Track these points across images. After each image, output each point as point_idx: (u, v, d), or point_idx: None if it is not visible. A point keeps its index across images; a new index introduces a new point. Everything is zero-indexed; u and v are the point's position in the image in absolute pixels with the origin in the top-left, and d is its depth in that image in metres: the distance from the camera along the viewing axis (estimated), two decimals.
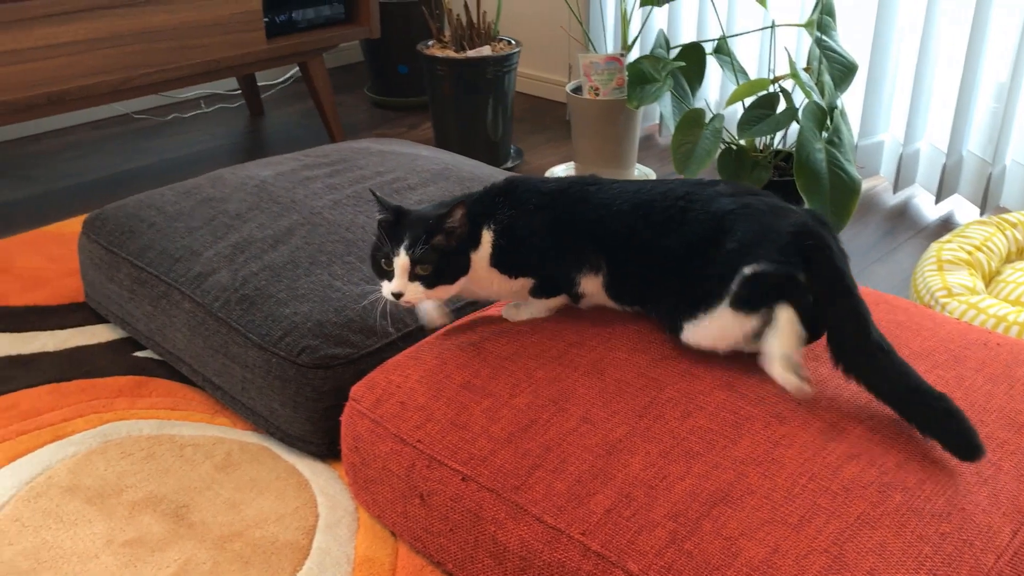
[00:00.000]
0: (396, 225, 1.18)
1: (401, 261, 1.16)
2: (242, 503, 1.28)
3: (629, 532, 0.98)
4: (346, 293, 1.41)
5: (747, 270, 1.09)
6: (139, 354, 1.64)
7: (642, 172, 2.40)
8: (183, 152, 2.67)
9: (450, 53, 2.41)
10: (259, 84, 3.03)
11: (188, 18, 2.27)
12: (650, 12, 2.43)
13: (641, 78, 2.00)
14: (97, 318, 1.75)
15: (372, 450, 1.20)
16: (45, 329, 1.72)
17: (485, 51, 2.39)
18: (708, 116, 1.90)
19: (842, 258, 1.12)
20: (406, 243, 1.16)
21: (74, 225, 2.13)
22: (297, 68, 3.31)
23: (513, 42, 2.49)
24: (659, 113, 2.69)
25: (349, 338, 1.35)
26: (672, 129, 1.94)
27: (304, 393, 1.33)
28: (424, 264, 1.16)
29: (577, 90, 2.30)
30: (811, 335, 1.12)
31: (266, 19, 2.45)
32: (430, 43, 2.50)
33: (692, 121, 1.87)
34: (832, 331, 1.09)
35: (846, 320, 1.08)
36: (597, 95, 2.23)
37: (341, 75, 3.36)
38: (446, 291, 1.20)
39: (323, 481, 1.33)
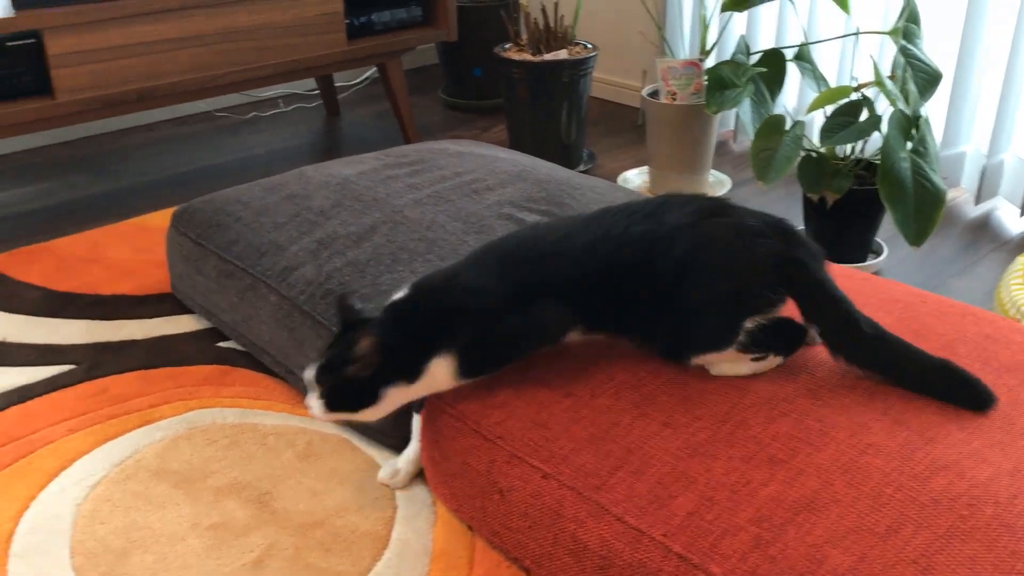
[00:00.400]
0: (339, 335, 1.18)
1: (307, 375, 1.16)
2: (323, 492, 1.31)
3: (712, 535, 0.98)
4: None
5: (749, 324, 1.13)
6: (223, 344, 1.69)
7: (716, 178, 2.39)
8: (262, 150, 2.73)
9: (526, 56, 2.43)
10: (336, 85, 3.09)
11: (272, 19, 2.32)
12: (729, 18, 2.42)
13: (721, 83, 1.99)
14: (182, 308, 1.81)
15: (452, 445, 1.22)
16: (133, 317, 1.78)
17: (561, 54, 2.40)
18: (788, 123, 1.89)
19: (818, 265, 1.16)
20: (321, 360, 1.15)
21: (159, 218, 2.19)
22: (373, 70, 3.36)
23: (589, 46, 2.50)
24: (734, 120, 2.67)
25: None
26: (751, 135, 1.93)
27: None
28: (323, 386, 1.15)
29: (654, 95, 2.30)
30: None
31: (347, 21, 2.50)
32: (507, 46, 2.52)
33: (773, 127, 1.86)
34: (827, 335, 1.16)
35: (837, 324, 1.14)
36: (674, 100, 2.23)
37: (415, 77, 3.40)
38: (351, 416, 1.17)
39: None
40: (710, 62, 2.25)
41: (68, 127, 2.71)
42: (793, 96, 2.50)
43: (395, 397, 1.16)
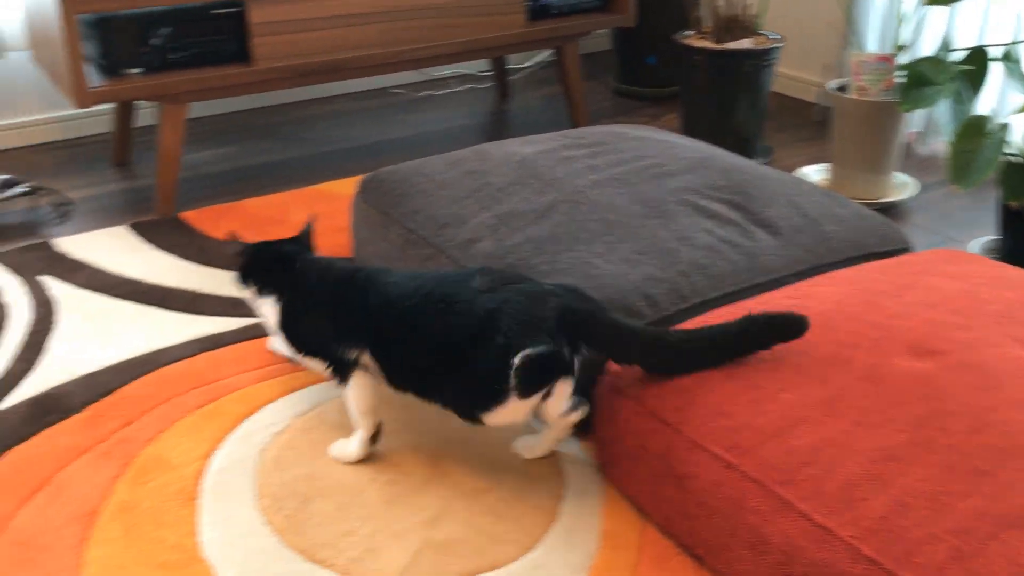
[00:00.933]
0: None
1: None
2: (493, 460, 1.33)
3: (906, 542, 0.94)
4: (605, 272, 1.43)
5: (516, 360, 1.16)
6: None
7: (901, 180, 2.28)
8: (434, 127, 2.79)
9: (708, 44, 2.39)
10: (508, 67, 3.12)
11: None
12: (926, 13, 2.30)
13: (919, 80, 1.90)
14: None
15: (628, 427, 1.22)
16: None
17: (746, 44, 2.35)
18: (990, 124, 1.78)
19: (602, 313, 1.23)
20: None
21: (340, 186, 2.27)
22: (544, 53, 3.38)
23: (775, 36, 2.43)
24: (920, 121, 2.55)
25: None
26: (946, 136, 1.83)
27: None
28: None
29: (841, 89, 2.21)
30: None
31: (527, 2, 2.52)
32: (688, 33, 2.48)
33: (974, 128, 1.76)
34: (640, 361, 1.24)
35: (644, 347, 1.23)
36: (864, 95, 2.14)
37: (586, 63, 3.40)
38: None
39: (570, 450, 1.36)
40: (904, 58, 2.15)
41: (256, 95, 2.84)
42: (991, 97, 2.36)
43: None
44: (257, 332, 1.65)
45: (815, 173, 2.35)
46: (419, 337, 1.24)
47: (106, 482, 1.29)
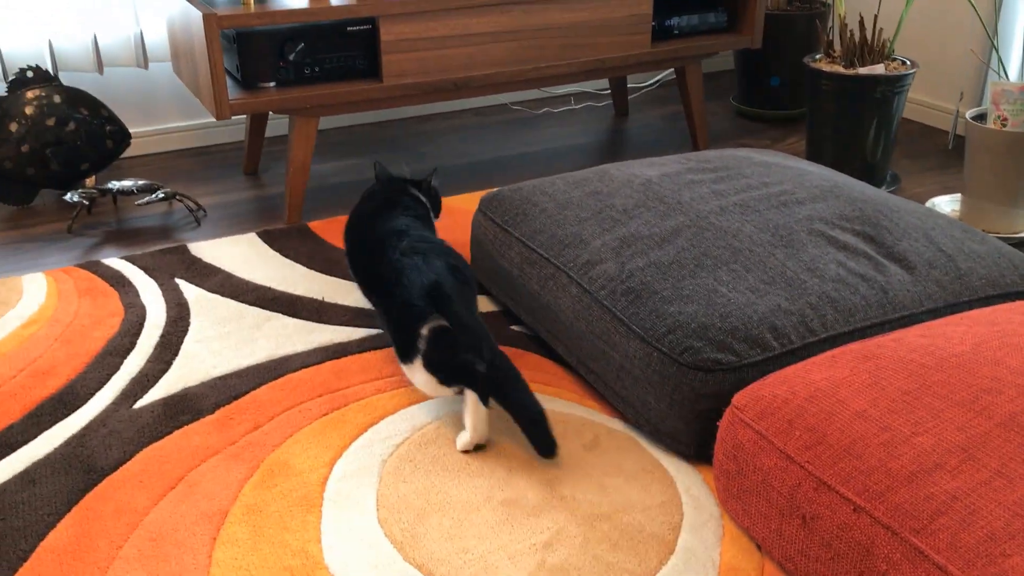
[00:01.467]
0: None
1: None
2: (609, 487, 1.33)
3: None
4: (731, 300, 1.41)
5: (424, 331, 1.36)
6: (516, 327, 1.75)
7: None
8: (553, 145, 2.80)
9: (838, 68, 2.33)
10: (628, 86, 3.11)
11: (583, 18, 2.37)
12: None
13: None
14: (480, 288, 1.89)
15: (752, 462, 1.19)
16: None
17: (878, 69, 2.28)
18: None
19: (465, 297, 1.42)
20: None
21: (460, 201, 2.31)
22: (664, 72, 3.36)
23: (908, 62, 2.35)
24: None
25: (732, 346, 1.35)
26: None
27: (682, 392, 1.35)
28: None
29: (979, 118, 2.13)
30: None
31: (653, 23, 2.51)
32: (818, 56, 2.43)
33: None
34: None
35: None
36: (1003, 126, 2.05)
37: (706, 81, 3.36)
38: None
39: (688, 481, 1.34)
40: None
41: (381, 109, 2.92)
42: None
43: None
44: (379, 343, 1.69)
45: (946, 204, 2.27)
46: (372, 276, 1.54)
47: (235, 484, 1.33)
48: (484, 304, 1.84)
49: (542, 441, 1.36)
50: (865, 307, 1.44)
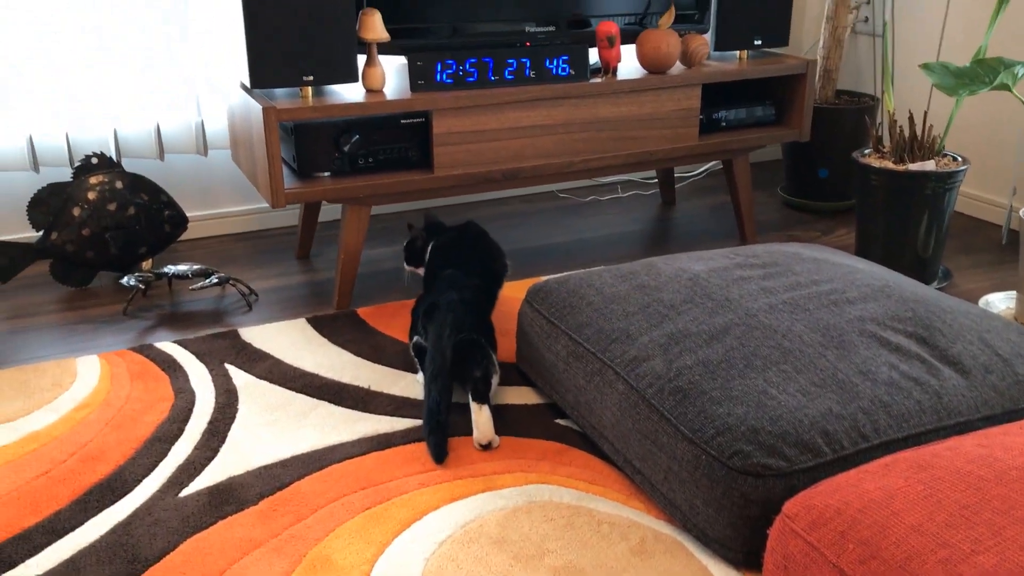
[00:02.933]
0: None
1: None
2: None
3: None
4: (781, 403, 1.39)
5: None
6: (561, 421, 1.74)
7: None
8: (599, 233, 2.82)
9: (888, 164, 2.33)
10: (675, 175, 3.14)
11: (632, 112, 2.41)
12: None
13: None
14: (524, 379, 1.89)
15: (804, 574, 1.16)
16: None
17: (928, 165, 2.27)
18: None
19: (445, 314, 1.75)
20: None
21: (504, 290, 2.32)
22: (711, 163, 3.38)
23: (959, 158, 2.35)
24: None
25: (783, 451, 1.32)
26: None
27: (731, 497, 1.32)
28: None
29: None
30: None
31: (701, 116, 2.54)
32: (866, 151, 2.43)
33: None
34: None
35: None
36: None
37: (753, 171, 3.38)
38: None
39: None
40: None
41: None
42: None
43: None
44: (423, 435, 1.69)
45: (1001, 301, 2.23)
46: None
47: None
48: (528, 396, 1.83)
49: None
50: (919, 412, 1.41)
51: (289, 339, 2.07)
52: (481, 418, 1.67)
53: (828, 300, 1.66)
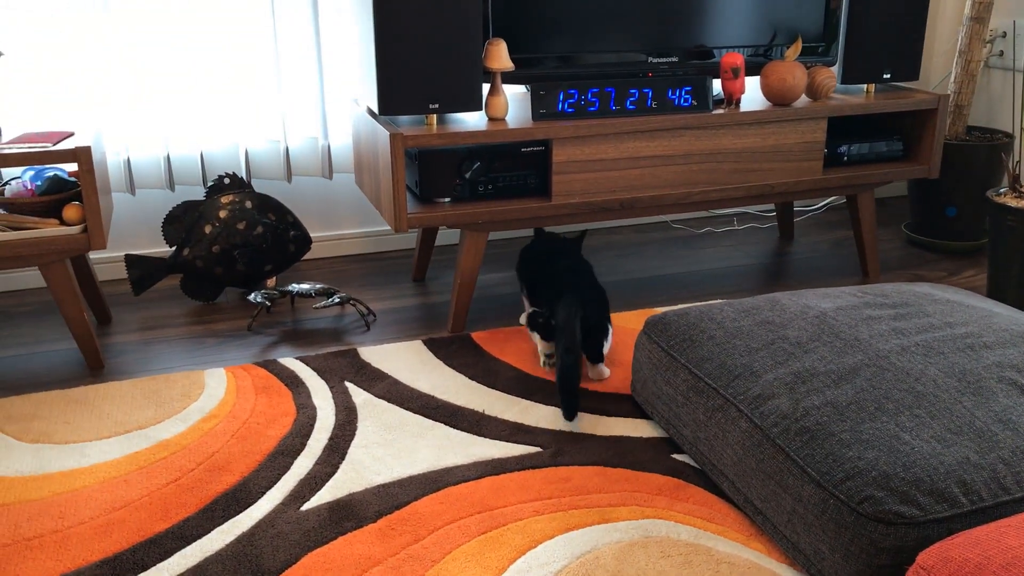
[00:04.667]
0: None
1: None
2: None
3: None
4: (915, 448, 1.34)
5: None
6: (677, 456, 1.71)
7: None
8: (715, 265, 2.78)
9: None
10: (794, 209, 3.07)
11: (754, 144, 2.38)
12: None
13: None
14: (639, 412, 1.87)
15: None
16: (593, 412, 1.88)
17: None
18: None
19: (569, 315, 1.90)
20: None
21: (620, 319, 2.31)
22: (832, 197, 3.30)
23: None
24: None
25: (916, 498, 1.27)
26: None
27: (859, 544, 1.27)
28: None
29: None
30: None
31: (825, 150, 2.49)
32: (1002, 190, 2.34)
33: None
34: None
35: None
36: None
37: (877, 207, 3.28)
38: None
39: None
40: None
41: None
42: None
43: None
44: (537, 462, 1.69)
45: None
46: None
47: None
48: (644, 428, 1.81)
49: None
50: None
51: (406, 360, 2.10)
52: (600, 371, 2.02)
53: (964, 344, 1.60)
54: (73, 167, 2.34)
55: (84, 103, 2.47)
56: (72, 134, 2.11)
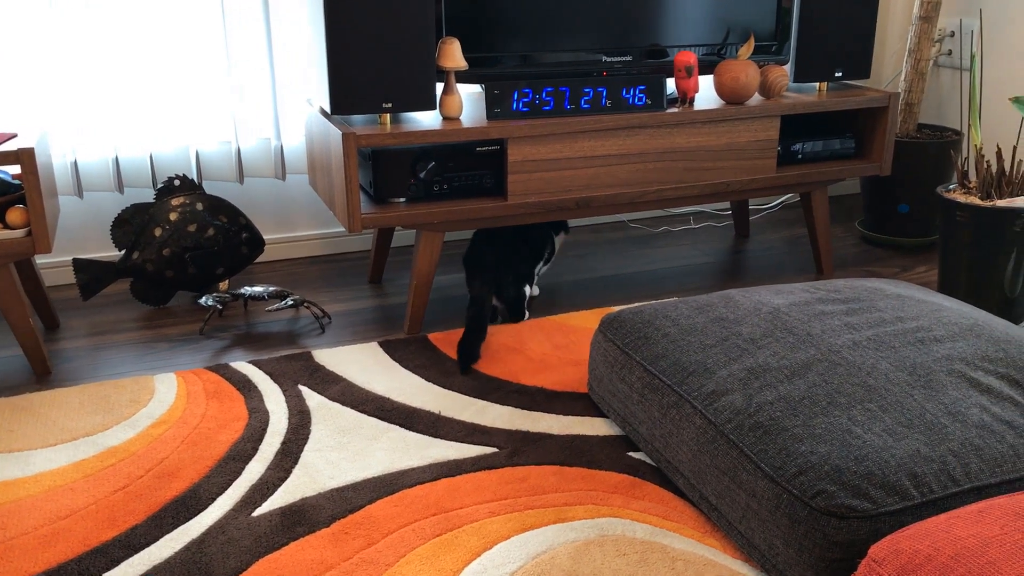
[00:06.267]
0: None
1: None
2: None
3: None
4: (866, 442, 1.34)
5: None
6: (633, 454, 1.71)
7: None
8: (671, 264, 2.79)
9: (974, 200, 2.26)
10: (750, 207, 3.09)
11: (708, 142, 2.39)
12: None
13: None
14: (596, 411, 1.86)
15: None
16: (549, 411, 1.87)
17: (1018, 202, 2.20)
18: None
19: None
20: None
21: (577, 318, 2.31)
22: (787, 195, 3.33)
23: None
24: None
25: (868, 492, 1.28)
26: None
27: (813, 538, 1.28)
28: None
29: None
30: None
31: (779, 148, 2.50)
32: (951, 186, 2.37)
33: None
34: None
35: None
36: None
37: (830, 205, 3.31)
38: None
39: None
40: None
41: None
42: None
43: None
44: (493, 462, 1.67)
45: None
46: None
47: None
48: (600, 427, 1.81)
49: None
50: (1013, 457, 1.35)
51: (361, 362, 2.08)
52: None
53: (914, 338, 1.61)
54: (17, 169, 2.29)
55: (28, 103, 2.42)
56: (15, 135, 2.06)
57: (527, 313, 2.33)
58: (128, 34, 2.44)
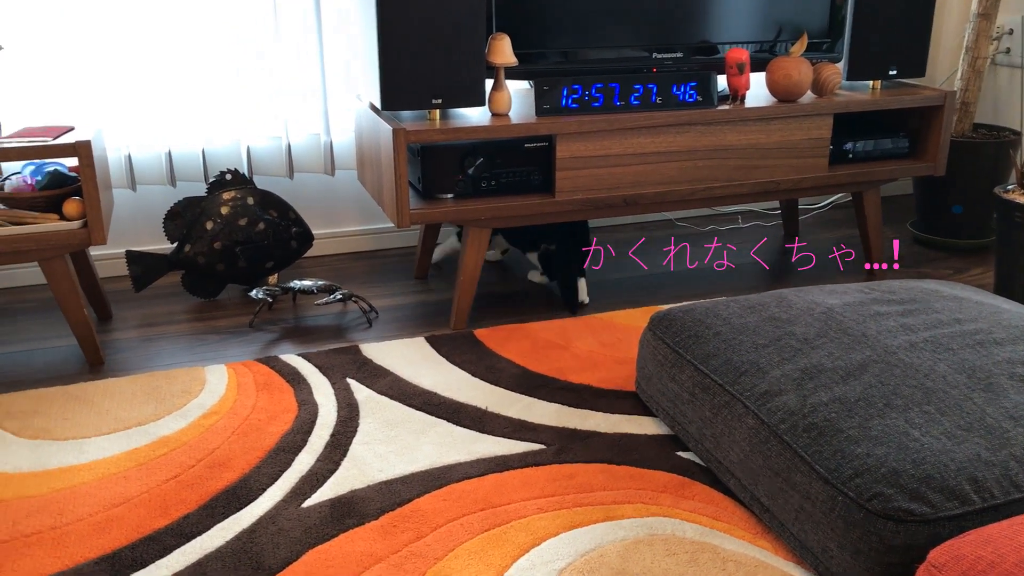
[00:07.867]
0: None
1: None
2: None
3: None
4: (925, 445, 1.32)
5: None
6: (682, 454, 1.69)
7: None
8: (719, 263, 2.76)
9: None
10: (799, 207, 3.05)
11: (759, 140, 2.36)
12: None
13: None
14: (644, 409, 1.85)
15: None
16: (597, 409, 1.86)
17: None
18: None
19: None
20: None
21: (623, 316, 2.29)
22: (837, 195, 3.29)
23: None
24: None
25: (927, 495, 1.25)
26: None
27: (868, 542, 1.26)
28: None
29: None
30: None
31: (831, 146, 2.47)
32: (1009, 187, 2.32)
33: None
34: None
35: None
36: None
37: (882, 205, 3.26)
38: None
39: None
40: None
41: None
42: None
43: None
44: (540, 459, 1.67)
45: None
46: None
47: None
48: (648, 426, 1.79)
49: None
50: None
51: (408, 357, 2.08)
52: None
53: (973, 340, 1.58)
54: (74, 162, 2.32)
55: (85, 98, 2.46)
56: (72, 129, 2.09)
57: (584, 284, 2.42)
58: (181, 32, 2.47)
